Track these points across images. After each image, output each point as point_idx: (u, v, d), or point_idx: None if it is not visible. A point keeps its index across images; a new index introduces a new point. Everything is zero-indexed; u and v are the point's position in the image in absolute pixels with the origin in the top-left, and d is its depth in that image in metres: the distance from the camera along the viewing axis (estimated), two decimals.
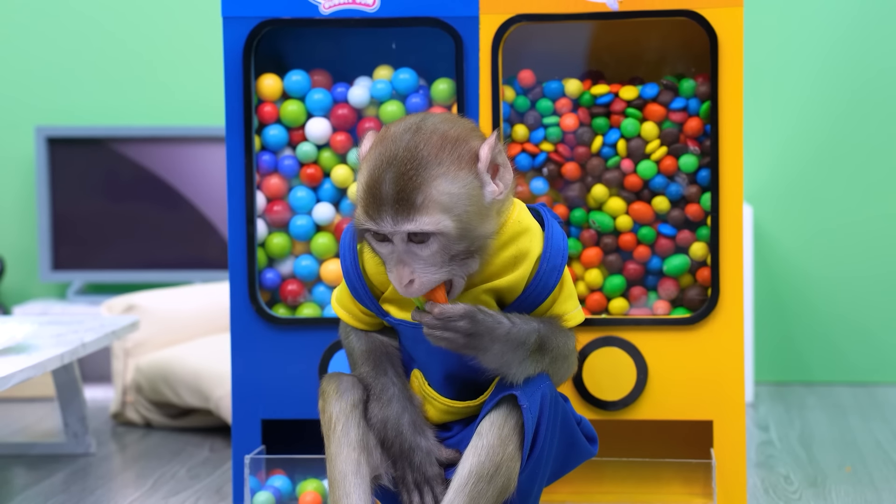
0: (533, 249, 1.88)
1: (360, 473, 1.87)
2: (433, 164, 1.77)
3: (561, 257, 1.90)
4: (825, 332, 3.66)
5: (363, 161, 1.82)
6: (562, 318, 1.92)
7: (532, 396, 1.83)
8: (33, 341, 2.63)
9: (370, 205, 1.77)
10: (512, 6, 2.20)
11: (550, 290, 1.90)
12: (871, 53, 3.61)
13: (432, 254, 1.78)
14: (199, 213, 3.78)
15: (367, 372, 1.93)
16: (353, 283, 1.93)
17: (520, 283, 1.88)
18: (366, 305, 1.94)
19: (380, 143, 1.80)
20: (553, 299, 1.91)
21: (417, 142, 1.78)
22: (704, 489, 2.22)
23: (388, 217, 1.76)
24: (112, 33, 3.85)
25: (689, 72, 2.29)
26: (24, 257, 3.89)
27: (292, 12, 2.23)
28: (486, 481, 1.81)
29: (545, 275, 1.89)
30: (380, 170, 1.77)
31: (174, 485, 2.62)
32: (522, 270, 1.87)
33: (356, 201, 1.82)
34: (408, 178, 1.76)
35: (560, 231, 1.92)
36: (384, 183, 1.76)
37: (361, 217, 1.79)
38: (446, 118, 1.83)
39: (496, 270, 1.86)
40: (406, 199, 1.75)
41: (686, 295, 2.26)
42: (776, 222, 3.66)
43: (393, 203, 1.75)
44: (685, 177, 2.25)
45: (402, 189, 1.75)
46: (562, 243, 1.91)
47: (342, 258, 1.95)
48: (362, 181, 1.79)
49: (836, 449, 2.84)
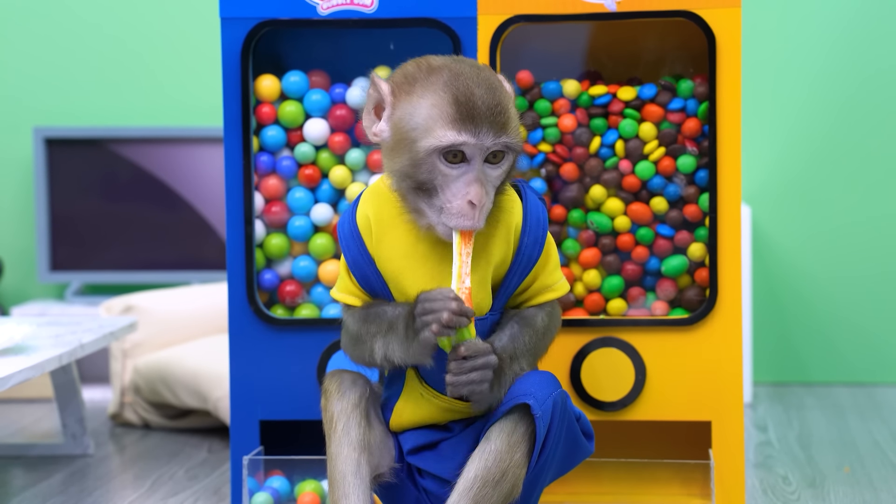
0: (515, 220, 1.90)
1: (360, 474, 1.87)
2: (502, 86, 1.85)
3: (542, 228, 1.91)
4: (823, 332, 3.66)
5: (411, 93, 1.81)
6: (548, 288, 1.93)
7: (544, 405, 1.83)
8: (31, 342, 2.63)
9: (464, 120, 1.78)
10: (510, 7, 2.20)
11: (535, 262, 1.90)
12: (869, 54, 3.62)
13: (500, 174, 1.83)
14: (197, 213, 3.78)
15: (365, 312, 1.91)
16: (364, 271, 1.92)
17: (507, 257, 1.89)
18: (376, 292, 1.92)
19: (435, 71, 1.82)
20: (536, 273, 1.92)
21: (480, 68, 1.83)
22: (703, 490, 2.22)
23: (489, 132, 1.79)
24: (110, 34, 3.84)
25: (688, 72, 2.29)
26: (22, 258, 3.89)
27: (290, 13, 2.23)
28: (491, 486, 1.81)
29: (527, 248, 1.90)
30: (466, 89, 1.79)
31: (172, 486, 2.62)
32: (507, 244, 1.89)
33: (424, 126, 1.80)
34: (497, 95, 1.80)
35: (537, 202, 1.94)
36: (477, 100, 1.79)
37: (450, 136, 1.78)
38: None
39: (493, 241, 1.87)
40: (502, 114, 1.80)
41: (684, 295, 2.26)
42: (774, 223, 3.66)
43: (490, 119, 1.79)
44: (683, 177, 2.25)
45: (496, 105, 1.79)
46: (541, 214, 1.92)
47: (345, 249, 1.93)
48: (439, 103, 1.79)
49: (835, 449, 2.84)
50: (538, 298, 1.93)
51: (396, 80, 1.85)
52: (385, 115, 1.85)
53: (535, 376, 1.87)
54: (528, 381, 1.86)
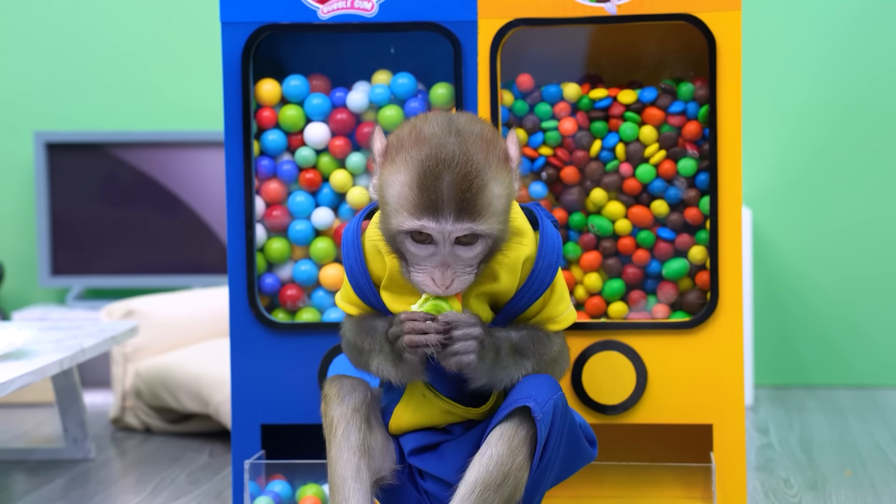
0: (523, 253, 1.88)
1: (360, 478, 1.87)
2: (486, 168, 1.78)
3: (556, 255, 1.90)
4: (824, 334, 3.66)
5: (395, 162, 1.80)
6: (553, 320, 1.93)
7: (545, 407, 1.83)
8: (33, 347, 2.63)
9: (426, 206, 1.76)
10: (510, 10, 2.20)
11: (545, 289, 1.90)
12: (869, 57, 3.62)
13: (475, 255, 1.79)
14: (198, 217, 3.78)
15: (358, 328, 1.92)
16: (359, 282, 1.93)
17: (511, 287, 1.89)
18: (370, 303, 1.94)
19: (418, 143, 1.79)
20: (544, 301, 1.92)
21: (468, 145, 1.78)
22: (704, 493, 2.22)
23: (449, 219, 1.76)
24: (110, 39, 3.85)
25: (688, 75, 2.29)
26: (23, 263, 3.89)
27: (291, 17, 2.23)
28: (492, 490, 1.81)
29: (540, 273, 1.89)
30: (434, 172, 1.76)
31: (174, 490, 2.62)
32: (513, 274, 1.88)
33: (395, 203, 1.79)
34: (468, 181, 1.76)
35: (553, 230, 1.92)
36: (443, 185, 1.75)
37: (412, 222, 1.77)
38: (470, 118, 1.85)
39: (491, 273, 1.87)
40: (469, 202, 1.76)
41: (685, 298, 2.26)
42: (775, 226, 3.66)
43: (455, 208, 1.75)
44: (684, 180, 2.25)
45: (464, 191, 1.75)
46: (556, 242, 1.91)
47: (345, 257, 1.94)
48: (409, 183, 1.77)
49: (836, 452, 2.84)
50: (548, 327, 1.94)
51: (391, 141, 1.84)
52: (375, 175, 1.86)
53: (536, 379, 1.87)
54: (528, 384, 1.86)
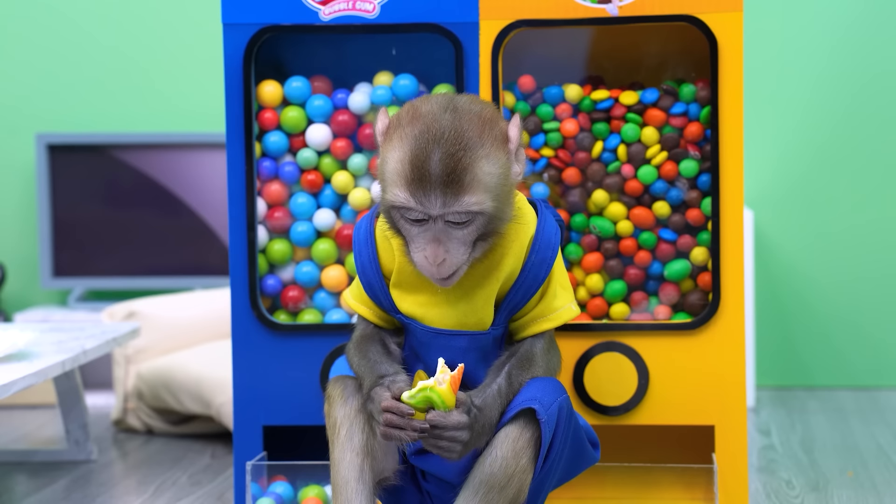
0: (527, 240, 1.88)
1: (363, 479, 1.87)
2: (477, 145, 1.77)
3: (550, 250, 1.90)
4: (826, 335, 3.66)
5: (392, 139, 1.80)
6: (546, 318, 1.92)
7: (550, 409, 1.83)
8: (34, 348, 2.63)
9: (416, 184, 1.75)
10: (512, 12, 2.20)
11: (540, 284, 1.90)
12: (870, 58, 3.62)
13: (466, 234, 1.78)
14: (199, 219, 3.78)
15: (357, 362, 1.93)
16: (370, 280, 1.92)
17: (515, 273, 1.89)
18: (380, 302, 1.93)
19: (414, 120, 1.78)
20: (541, 294, 1.91)
21: (461, 122, 1.77)
22: (706, 494, 2.22)
23: (437, 197, 1.75)
24: (112, 41, 3.85)
25: (690, 77, 2.29)
26: (25, 264, 3.89)
27: (292, 19, 2.23)
28: (497, 491, 1.81)
29: (533, 267, 1.89)
30: (425, 149, 1.75)
31: (176, 491, 2.62)
32: (517, 259, 1.88)
33: (389, 179, 1.79)
34: (457, 158, 1.75)
35: (553, 225, 1.92)
36: (431, 162, 1.75)
37: (402, 196, 1.77)
38: (472, 98, 1.84)
39: (497, 258, 1.87)
40: (456, 180, 1.75)
41: (687, 300, 2.26)
42: (777, 227, 3.66)
43: (442, 183, 1.74)
44: (686, 182, 2.25)
45: (452, 169, 1.74)
46: (553, 238, 1.91)
47: (357, 254, 1.94)
48: (401, 159, 1.77)
49: (838, 453, 2.84)
50: (539, 325, 1.93)
51: (391, 121, 1.84)
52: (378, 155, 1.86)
53: (541, 382, 1.87)
54: (533, 386, 1.86)
